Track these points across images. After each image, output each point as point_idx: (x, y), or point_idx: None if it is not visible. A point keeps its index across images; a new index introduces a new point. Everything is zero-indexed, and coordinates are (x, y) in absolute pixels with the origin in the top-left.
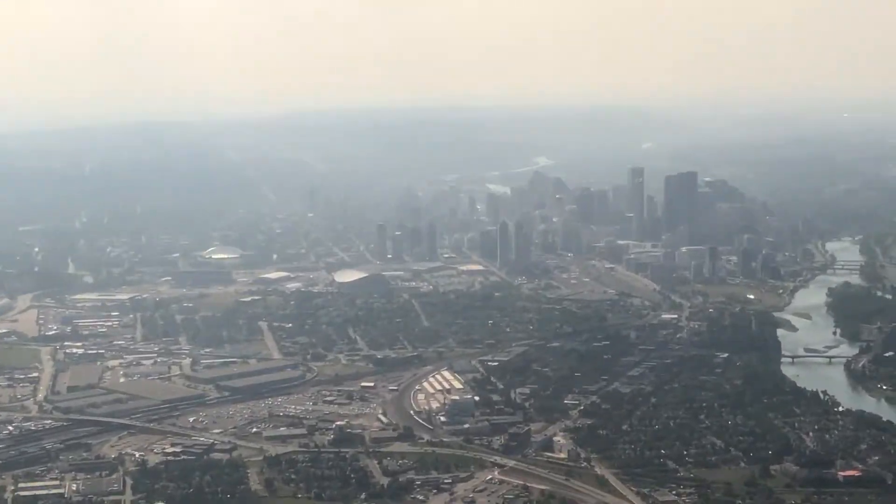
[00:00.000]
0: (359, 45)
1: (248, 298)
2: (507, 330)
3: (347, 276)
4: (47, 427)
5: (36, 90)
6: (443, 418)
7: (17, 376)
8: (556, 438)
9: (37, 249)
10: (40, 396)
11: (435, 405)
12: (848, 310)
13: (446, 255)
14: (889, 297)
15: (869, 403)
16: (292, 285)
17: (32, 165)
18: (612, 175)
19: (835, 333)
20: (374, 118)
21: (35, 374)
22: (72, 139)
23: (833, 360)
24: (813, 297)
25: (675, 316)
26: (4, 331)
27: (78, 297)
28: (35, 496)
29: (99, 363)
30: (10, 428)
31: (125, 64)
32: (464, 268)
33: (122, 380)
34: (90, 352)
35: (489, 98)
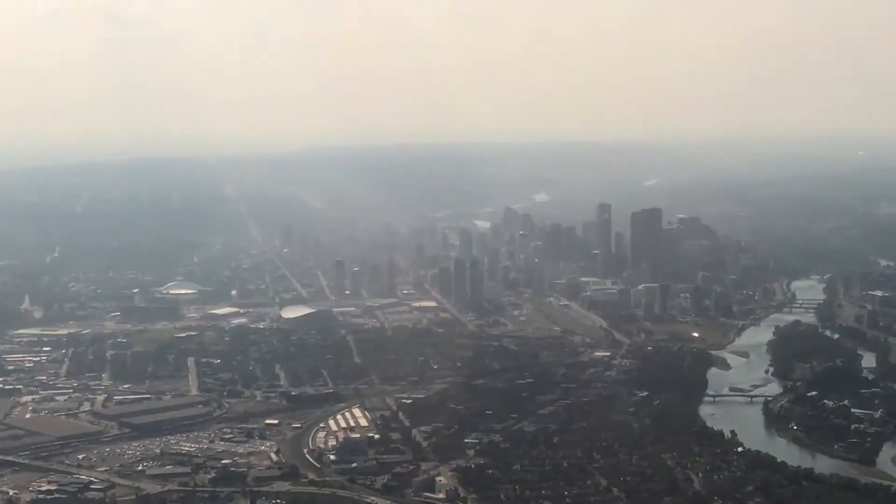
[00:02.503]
0: (371, 85)
1: (184, 334)
2: (435, 367)
3: (293, 313)
4: None
5: (45, 127)
6: (333, 457)
7: None
8: (438, 479)
9: None
10: None
11: (332, 443)
12: (788, 349)
13: (405, 292)
14: (837, 336)
15: (777, 444)
16: (237, 321)
17: (27, 201)
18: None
19: (767, 372)
20: (381, 154)
21: None
22: (74, 175)
23: (754, 399)
24: (760, 335)
25: (608, 354)
26: None
27: (19, 332)
28: None
29: (13, 398)
30: None
31: (135, 102)
32: (417, 304)
33: (28, 416)
34: (7, 387)
35: (496, 135)
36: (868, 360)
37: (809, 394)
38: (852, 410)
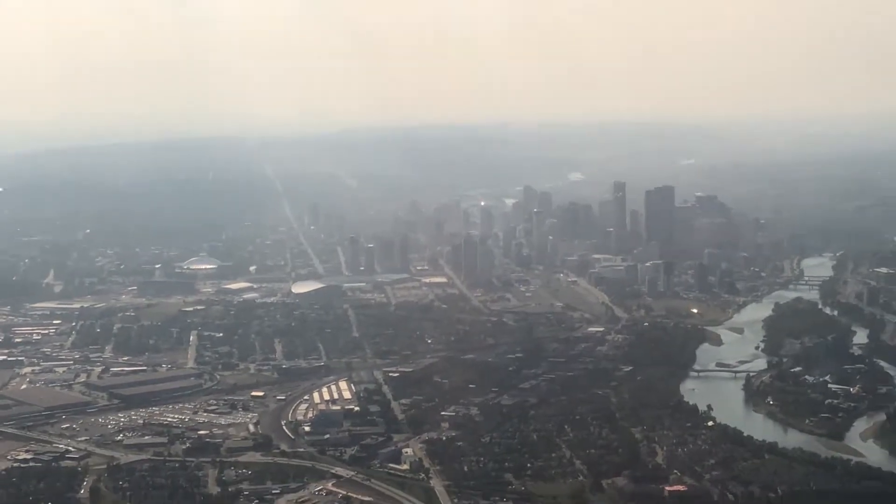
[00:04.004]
0: (413, 67)
1: (191, 308)
2: (429, 342)
3: (303, 288)
4: None
5: (84, 107)
6: (307, 429)
7: None
8: (406, 450)
9: (26, 260)
10: None
11: (311, 416)
12: (783, 325)
13: (419, 268)
14: (835, 313)
15: (751, 418)
16: (248, 296)
17: (64, 180)
18: (636, 190)
19: (757, 348)
20: (419, 136)
21: None
22: (112, 155)
23: (738, 374)
24: (760, 311)
25: (602, 329)
26: None
27: (36, 305)
28: None
29: (13, 370)
30: None
31: (176, 83)
32: (428, 280)
33: (24, 386)
34: (10, 358)
35: (539, 116)
36: (861, 337)
37: (794, 369)
38: (830, 386)
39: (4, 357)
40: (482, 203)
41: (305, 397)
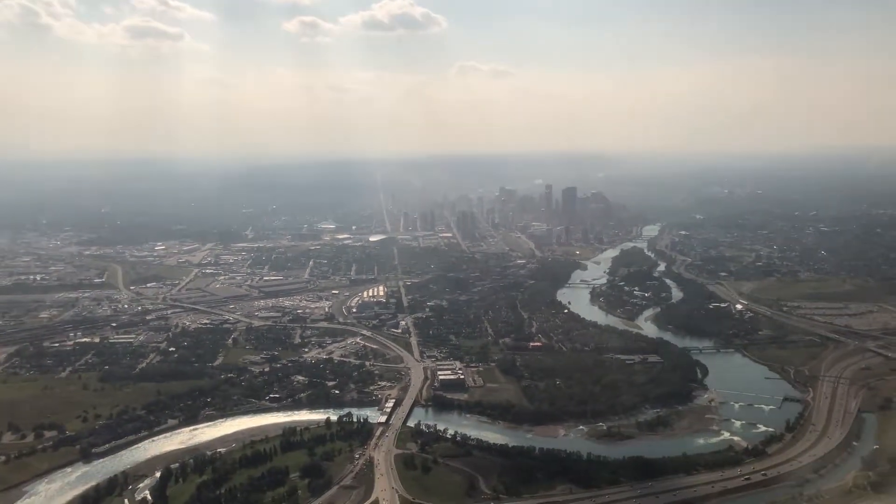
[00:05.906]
0: (453, 121)
1: (314, 247)
2: (432, 266)
3: (375, 238)
4: (158, 307)
5: (292, 143)
6: (354, 310)
7: (166, 283)
8: (402, 322)
9: (236, 222)
10: (169, 293)
11: (358, 303)
12: (621, 260)
13: (439, 228)
14: (652, 254)
15: (591, 309)
16: (347, 242)
17: (266, 183)
18: (559, 188)
19: (605, 272)
20: (453, 159)
21: (177, 282)
22: (298, 169)
23: (590, 285)
24: (612, 253)
25: (524, 261)
26: (182, 260)
27: (236, 245)
28: (119, 343)
29: (213, 277)
30: (139, 308)
31: (335, 130)
32: (441, 235)
33: (217, 286)
34: (214, 272)
35: (521, 149)
36: (662, 268)
37: (619, 283)
38: (635, 292)
39: (212, 270)
40: (480, 195)
41: (359, 294)
